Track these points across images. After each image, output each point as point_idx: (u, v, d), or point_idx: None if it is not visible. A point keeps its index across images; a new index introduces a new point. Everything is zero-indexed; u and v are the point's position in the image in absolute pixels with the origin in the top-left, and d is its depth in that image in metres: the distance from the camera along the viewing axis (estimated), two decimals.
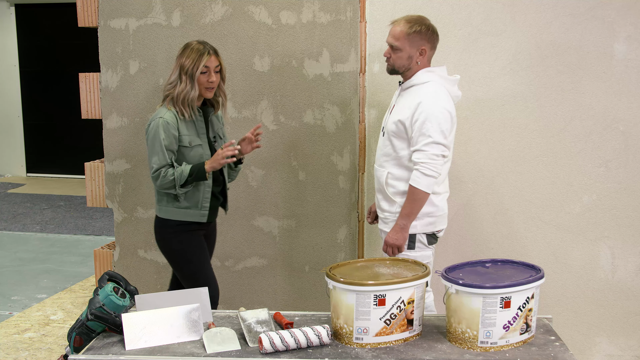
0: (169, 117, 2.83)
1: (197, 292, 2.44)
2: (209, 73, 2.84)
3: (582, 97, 3.26)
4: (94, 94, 3.65)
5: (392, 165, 2.86)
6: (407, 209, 2.77)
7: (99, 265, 3.79)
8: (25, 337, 3.97)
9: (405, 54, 2.79)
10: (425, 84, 2.79)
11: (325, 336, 2.21)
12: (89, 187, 3.74)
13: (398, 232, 2.79)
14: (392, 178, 2.86)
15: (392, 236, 2.80)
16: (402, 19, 2.83)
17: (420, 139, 2.72)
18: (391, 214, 2.88)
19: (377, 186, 2.95)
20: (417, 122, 2.73)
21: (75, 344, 2.27)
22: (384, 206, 2.91)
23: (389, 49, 2.83)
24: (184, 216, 2.92)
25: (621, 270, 3.36)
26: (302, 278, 3.61)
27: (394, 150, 2.84)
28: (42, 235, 6.47)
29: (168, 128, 2.82)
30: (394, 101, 2.95)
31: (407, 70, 2.83)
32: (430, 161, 2.70)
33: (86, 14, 3.58)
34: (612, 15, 3.18)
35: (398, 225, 2.79)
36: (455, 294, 2.22)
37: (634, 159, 3.27)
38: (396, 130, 2.81)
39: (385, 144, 2.88)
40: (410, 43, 2.77)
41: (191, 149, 2.88)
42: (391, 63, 2.84)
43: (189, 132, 2.88)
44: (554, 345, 2.25)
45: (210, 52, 2.84)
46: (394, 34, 2.80)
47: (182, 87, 2.82)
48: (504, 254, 3.36)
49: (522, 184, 3.36)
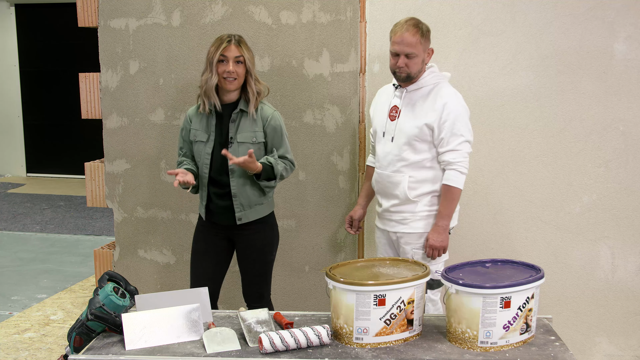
0: (190, 110, 2.96)
1: (197, 292, 2.44)
2: (226, 62, 2.77)
3: (582, 97, 3.26)
4: (94, 94, 3.65)
5: (413, 169, 2.86)
6: (448, 209, 2.83)
7: (99, 265, 3.79)
8: (25, 337, 3.97)
9: (420, 59, 2.82)
10: (438, 85, 2.86)
11: (325, 336, 2.21)
12: (89, 187, 3.74)
13: (442, 233, 2.84)
14: (415, 181, 2.86)
15: (437, 238, 2.83)
16: (406, 25, 2.79)
17: (453, 139, 2.79)
18: (412, 214, 2.89)
19: (393, 192, 2.90)
20: (446, 122, 2.78)
21: (75, 344, 2.27)
22: (403, 209, 2.90)
23: (402, 58, 2.79)
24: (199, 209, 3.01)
25: (621, 270, 3.36)
26: (302, 278, 3.61)
27: (416, 153, 2.84)
28: (42, 235, 6.47)
29: (184, 120, 2.96)
30: (391, 103, 2.93)
31: (419, 73, 2.86)
32: (464, 160, 2.80)
33: (86, 14, 3.58)
34: (612, 15, 3.18)
35: (440, 227, 2.83)
36: (455, 294, 2.22)
37: (634, 159, 3.27)
38: (420, 134, 2.82)
39: (402, 149, 2.86)
40: (423, 48, 2.81)
41: (195, 144, 2.89)
42: (406, 71, 2.81)
43: (198, 127, 2.88)
44: (554, 345, 2.25)
45: (232, 41, 2.78)
46: (409, 42, 2.77)
47: (206, 76, 2.81)
48: (504, 254, 3.36)
49: (522, 184, 3.36)
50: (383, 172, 2.94)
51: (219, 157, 2.84)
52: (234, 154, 2.79)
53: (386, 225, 2.99)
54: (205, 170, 2.87)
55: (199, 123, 2.88)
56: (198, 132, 2.87)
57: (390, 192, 2.92)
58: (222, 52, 2.77)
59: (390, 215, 2.95)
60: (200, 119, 2.88)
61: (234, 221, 2.89)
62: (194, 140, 2.89)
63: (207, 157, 2.86)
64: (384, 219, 2.99)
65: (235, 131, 2.84)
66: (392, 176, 2.90)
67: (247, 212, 2.88)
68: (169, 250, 3.68)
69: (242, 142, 2.83)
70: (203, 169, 2.87)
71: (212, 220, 2.94)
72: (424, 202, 2.88)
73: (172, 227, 3.65)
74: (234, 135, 2.84)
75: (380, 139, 2.97)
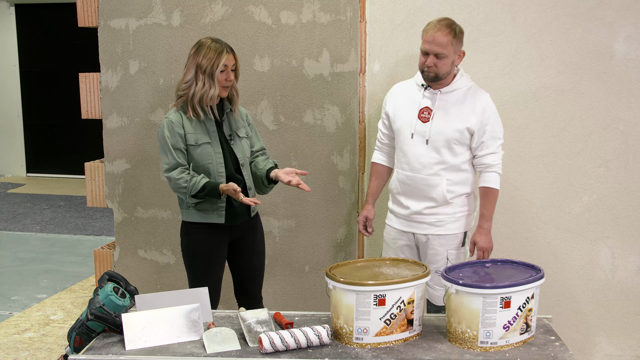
0: (173, 117, 2.80)
1: (197, 292, 2.44)
2: (227, 72, 2.78)
3: (582, 97, 3.26)
4: (94, 94, 3.65)
5: (451, 171, 2.86)
6: (490, 211, 2.90)
7: (99, 265, 3.79)
8: (25, 337, 3.97)
9: (449, 60, 2.80)
10: (472, 88, 2.90)
11: (325, 336, 2.21)
12: (89, 187, 3.74)
13: (487, 234, 2.90)
14: (452, 184, 2.87)
15: (485, 239, 2.90)
16: (440, 25, 2.78)
17: (492, 142, 2.85)
18: (448, 216, 2.90)
19: (428, 194, 2.88)
20: (487, 126, 2.84)
21: (75, 344, 2.27)
22: (439, 211, 2.89)
23: (432, 58, 2.78)
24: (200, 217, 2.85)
25: (621, 270, 3.36)
26: (302, 278, 3.61)
27: (454, 156, 2.85)
28: (42, 235, 6.47)
29: (172, 127, 2.77)
30: (421, 104, 2.88)
31: (448, 75, 2.85)
32: (501, 162, 2.90)
33: (86, 14, 3.58)
34: (612, 15, 3.18)
35: (485, 229, 2.90)
36: (455, 294, 2.22)
37: (634, 159, 3.27)
38: (460, 137, 2.83)
39: (441, 152, 2.84)
40: (454, 49, 2.81)
41: (198, 147, 2.79)
42: (435, 70, 2.80)
43: (195, 131, 2.79)
44: (554, 345, 2.25)
45: (228, 51, 2.78)
46: (439, 42, 2.76)
47: (199, 86, 2.75)
48: (504, 254, 3.36)
49: (522, 184, 3.36)
50: (416, 175, 2.89)
51: (229, 155, 2.85)
52: (238, 149, 2.87)
53: (414, 228, 2.95)
54: (221, 170, 2.81)
55: (192, 127, 2.79)
56: (198, 135, 2.80)
57: (425, 194, 2.89)
58: (225, 63, 2.76)
59: (422, 218, 2.92)
60: (192, 124, 2.80)
61: (248, 216, 2.93)
62: (196, 144, 2.79)
63: (219, 156, 2.81)
64: (411, 221, 2.95)
65: (231, 128, 2.89)
66: (429, 179, 2.87)
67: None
68: (169, 250, 3.68)
69: (242, 137, 2.92)
70: (218, 168, 2.81)
71: (229, 223, 2.86)
72: (458, 204, 2.90)
73: (172, 227, 3.65)
74: (232, 132, 2.88)
75: (407, 140, 2.91)
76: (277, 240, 3.58)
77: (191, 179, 2.74)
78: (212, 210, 2.83)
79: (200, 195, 2.75)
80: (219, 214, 2.83)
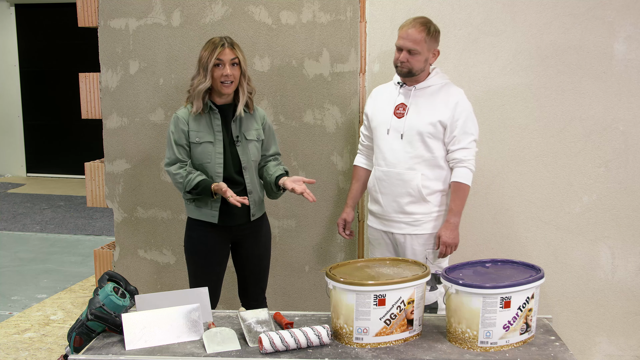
0: (180, 113, 2.84)
1: (197, 292, 2.44)
2: (222, 66, 2.75)
3: (582, 97, 3.26)
4: (94, 94, 3.65)
5: (426, 166, 2.87)
6: (459, 206, 2.88)
7: (99, 265, 3.79)
8: (25, 337, 3.97)
9: (423, 57, 2.84)
10: (447, 84, 2.91)
11: (325, 336, 2.21)
12: (89, 187, 3.74)
13: (454, 230, 2.88)
14: (427, 179, 2.87)
15: (450, 235, 2.87)
16: (415, 22, 2.83)
17: (464, 137, 2.84)
18: (424, 215, 2.90)
19: (404, 189, 2.89)
20: (458, 120, 2.83)
21: (75, 344, 2.27)
22: (414, 209, 2.89)
23: (405, 53, 2.82)
24: (198, 215, 2.88)
25: (621, 270, 3.36)
26: (302, 278, 3.61)
27: (429, 151, 2.86)
28: (42, 235, 6.47)
29: (178, 123, 2.82)
30: (396, 101, 2.93)
31: (422, 72, 2.87)
32: (473, 158, 2.87)
33: (86, 14, 3.58)
34: (612, 15, 3.18)
35: (452, 224, 2.87)
36: (455, 294, 2.22)
37: (634, 159, 3.27)
38: (434, 131, 2.84)
39: (415, 146, 2.86)
40: (427, 46, 2.83)
41: (199, 145, 2.79)
42: (408, 66, 2.84)
43: (199, 128, 2.80)
44: (554, 345, 2.25)
45: (225, 45, 2.77)
46: (413, 38, 2.80)
47: (197, 79, 2.79)
48: (504, 254, 3.36)
49: (522, 184, 3.36)
50: (392, 170, 2.91)
51: (230, 156, 2.83)
52: (243, 151, 2.84)
53: (391, 227, 2.96)
54: (219, 170, 2.81)
55: (197, 125, 2.81)
56: (201, 133, 2.80)
57: (401, 190, 2.90)
58: (218, 57, 2.75)
59: (398, 217, 2.93)
60: (198, 121, 2.81)
61: (247, 219, 2.90)
62: (197, 141, 2.80)
63: (219, 156, 2.81)
64: (389, 221, 2.96)
65: (240, 130, 2.85)
66: (404, 173, 2.89)
67: (258, 208, 2.93)
68: (169, 250, 3.68)
69: (250, 139, 2.87)
70: (216, 169, 2.81)
71: (223, 223, 2.87)
72: (434, 203, 2.90)
73: (172, 227, 3.65)
74: (240, 134, 2.85)
75: (383, 137, 2.94)
76: (277, 240, 3.58)
77: (187, 175, 2.77)
78: (206, 208, 2.85)
79: (195, 192, 2.77)
80: (212, 214, 2.84)
